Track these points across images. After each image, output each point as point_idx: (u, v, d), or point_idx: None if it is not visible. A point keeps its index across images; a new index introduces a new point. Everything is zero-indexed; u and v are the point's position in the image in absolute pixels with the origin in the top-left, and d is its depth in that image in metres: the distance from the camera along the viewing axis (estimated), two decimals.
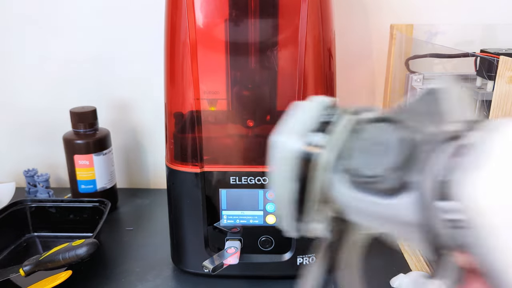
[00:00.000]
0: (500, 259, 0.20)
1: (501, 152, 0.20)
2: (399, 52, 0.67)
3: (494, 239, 0.19)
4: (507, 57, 0.33)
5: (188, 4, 0.46)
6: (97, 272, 0.57)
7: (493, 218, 0.19)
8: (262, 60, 0.48)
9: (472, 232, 0.20)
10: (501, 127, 0.21)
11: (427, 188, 0.22)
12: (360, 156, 0.25)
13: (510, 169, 0.20)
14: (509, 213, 0.19)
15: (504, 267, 0.20)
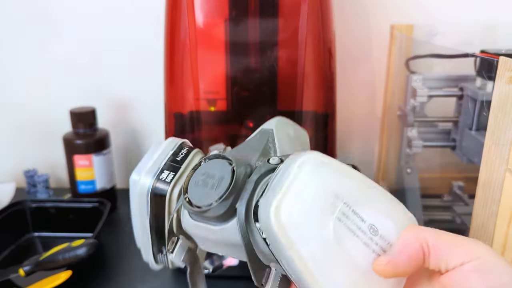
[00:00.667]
0: (298, 269, 0.23)
1: (291, 179, 0.24)
2: (399, 52, 0.67)
3: (289, 252, 0.23)
4: (507, 57, 0.33)
5: (188, 4, 0.46)
6: (97, 272, 0.57)
7: (285, 233, 0.23)
8: (262, 60, 0.48)
9: (273, 247, 0.24)
10: (296, 158, 0.25)
11: (242, 213, 0.26)
12: (197, 188, 0.29)
13: (297, 194, 0.24)
14: (298, 229, 0.23)
15: (302, 276, 0.23)
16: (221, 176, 0.28)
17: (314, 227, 0.24)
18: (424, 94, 0.57)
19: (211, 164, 0.29)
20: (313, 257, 0.23)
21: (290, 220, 0.23)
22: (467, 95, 0.53)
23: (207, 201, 0.28)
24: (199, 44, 0.47)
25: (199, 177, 0.29)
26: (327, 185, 0.25)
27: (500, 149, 0.35)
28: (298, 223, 0.23)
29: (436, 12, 0.72)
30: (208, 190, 0.28)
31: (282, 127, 0.33)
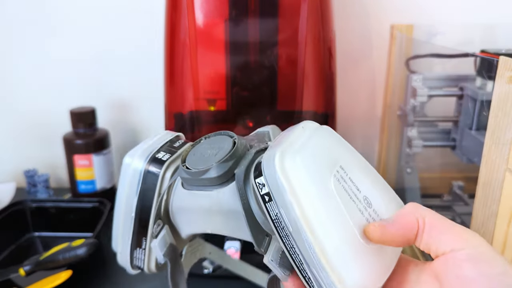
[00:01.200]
0: (297, 216, 0.23)
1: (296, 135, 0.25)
2: (399, 52, 0.67)
3: (289, 197, 0.23)
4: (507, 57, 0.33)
5: (188, 4, 0.46)
6: (97, 272, 0.57)
7: (288, 178, 0.23)
8: (262, 60, 0.48)
9: (274, 194, 0.23)
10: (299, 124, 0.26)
11: (241, 175, 0.26)
12: (195, 156, 0.29)
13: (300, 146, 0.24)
14: (301, 176, 0.23)
15: (299, 224, 0.23)
16: (222, 146, 0.29)
17: (316, 177, 0.24)
18: (424, 94, 0.57)
19: (212, 139, 0.30)
20: (312, 205, 0.23)
21: (293, 167, 0.23)
22: (467, 95, 0.53)
23: (206, 164, 0.28)
24: (199, 44, 0.47)
25: (198, 149, 0.30)
26: (328, 147, 0.25)
27: (500, 149, 0.35)
28: (301, 170, 0.23)
29: (436, 12, 0.72)
30: (207, 157, 0.29)
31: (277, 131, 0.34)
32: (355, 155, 0.27)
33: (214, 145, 0.29)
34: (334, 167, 0.25)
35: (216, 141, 0.30)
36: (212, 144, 0.30)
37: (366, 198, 0.25)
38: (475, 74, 0.53)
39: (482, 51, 0.51)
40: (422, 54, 0.63)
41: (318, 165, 0.24)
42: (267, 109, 0.51)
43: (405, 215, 0.24)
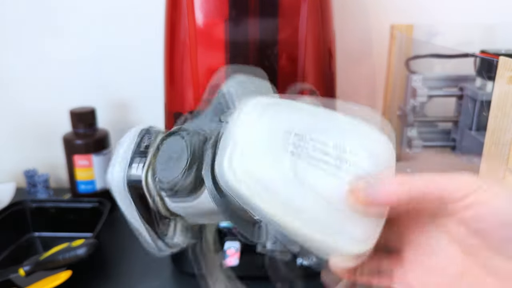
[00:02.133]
0: (267, 214, 0.23)
1: (235, 132, 0.24)
2: (399, 52, 0.67)
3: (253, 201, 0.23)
4: (507, 57, 0.33)
5: (188, 4, 0.46)
6: (97, 272, 0.57)
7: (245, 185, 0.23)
8: (262, 60, 0.48)
9: (240, 201, 0.24)
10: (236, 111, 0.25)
11: (208, 179, 0.26)
12: (161, 167, 0.29)
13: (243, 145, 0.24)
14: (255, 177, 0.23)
15: (273, 219, 0.23)
16: (179, 150, 0.28)
17: (269, 171, 0.23)
18: (424, 94, 0.57)
19: (168, 142, 0.30)
20: (276, 199, 0.23)
21: (244, 171, 0.23)
22: (467, 95, 0.53)
23: (172, 175, 0.28)
24: (199, 44, 0.47)
25: (162, 156, 0.30)
26: (273, 125, 0.24)
27: (500, 149, 0.35)
28: (252, 171, 0.23)
29: (436, 12, 0.72)
30: (172, 166, 0.29)
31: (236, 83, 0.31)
32: (308, 112, 0.26)
33: (173, 150, 0.29)
34: (286, 143, 0.24)
35: (173, 145, 0.29)
36: (170, 148, 0.30)
37: (338, 156, 0.24)
38: (475, 74, 0.53)
39: (482, 51, 0.51)
40: (422, 54, 0.63)
41: (268, 153, 0.24)
42: None
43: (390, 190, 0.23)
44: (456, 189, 0.22)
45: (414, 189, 0.23)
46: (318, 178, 0.24)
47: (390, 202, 0.23)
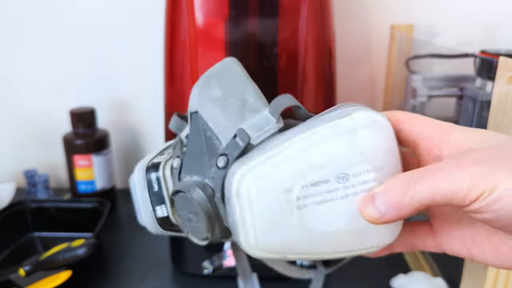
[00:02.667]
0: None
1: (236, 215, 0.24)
2: (399, 52, 0.67)
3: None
4: (507, 57, 0.33)
5: (188, 4, 0.46)
6: (97, 272, 0.57)
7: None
8: (262, 60, 0.48)
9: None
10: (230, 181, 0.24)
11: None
12: (187, 224, 0.31)
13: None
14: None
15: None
16: (194, 211, 0.29)
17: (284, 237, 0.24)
18: (424, 94, 0.57)
19: (180, 201, 0.30)
20: (304, 252, 0.24)
21: (264, 248, 0.24)
22: (467, 95, 0.53)
23: (201, 235, 0.30)
24: (199, 44, 0.47)
25: (181, 212, 0.31)
26: (271, 192, 0.23)
27: None
28: (271, 246, 0.24)
29: (436, 12, 0.72)
30: (195, 225, 0.30)
31: (205, 96, 0.29)
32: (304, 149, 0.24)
33: (188, 209, 0.30)
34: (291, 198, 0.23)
35: (184, 204, 0.30)
36: (184, 206, 0.30)
37: (339, 177, 0.23)
38: (475, 74, 0.52)
39: (482, 51, 0.51)
40: (422, 54, 0.63)
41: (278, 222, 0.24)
42: None
43: (401, 206, 0.22)
44: (462, 198, 0.21)
45: (416, 200, 0.22)
46: (331, 212, 0.24)
47: (398, 218, 0.23)
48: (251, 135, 0.26)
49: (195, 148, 0.29)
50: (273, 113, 0.26)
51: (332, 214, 0.24)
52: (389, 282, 0.52)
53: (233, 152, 0.26)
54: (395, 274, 0.52)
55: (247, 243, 0.24)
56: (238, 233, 0.24)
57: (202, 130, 0.28)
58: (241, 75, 0.30)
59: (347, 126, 0.23)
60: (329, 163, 0.23)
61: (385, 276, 0.53)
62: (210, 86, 0.29)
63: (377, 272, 0.56)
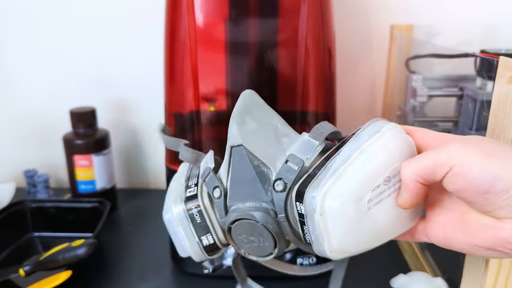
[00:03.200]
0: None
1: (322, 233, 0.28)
2: (399, 52, 0.67)
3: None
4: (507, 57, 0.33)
5: (188, 4, 0.46)
6: (97, 272, 0.57)
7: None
8: (262, 60, 0.48)
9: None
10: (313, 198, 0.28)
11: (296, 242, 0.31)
12: (246, 246, 0.33)
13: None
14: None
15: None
16: (259, 234, 0.31)
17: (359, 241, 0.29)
18: (424, 94, 0.57)
19: (240, 227, 0.32)
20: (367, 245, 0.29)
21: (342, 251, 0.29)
22: (467, 95, 0.53)
23: (265, 253, 0.32)
24: (199, 44, 0.47)
25: (239, 237, 0.33)
26: (343, 207, 0.27)
27: None
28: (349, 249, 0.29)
29: (436, 12, 0.72)
30: (257, 245, 0.32)
31: (245, 131, 0.33)
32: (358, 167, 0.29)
33: (250, 233, 0.32)
34: (362, 204, 0.28)
35: (247, 229, 0.32)
36: (245, 232, 0.32)
37: (385, 179, 0.28)
38: (475, 74, 0.52)
39: (482, 51, 0.51)
40: (422, 54, 0.63)
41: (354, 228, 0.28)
42: None
43: (407, 184, 0.28)
44: (440, 169, 0.26)
45: (410, 176, 0.28)
46: (384, 209, 0.29)
47: (411, 198, 0.28)
48: (302, 158, 0.30)
49: (243, 177, 0.32)
50: (315, 136, 0.31)
51: (385, 211, 0.28)
52: (389, 282, 0.52)
53: (289, 176, 0.29)
54: (395, 274, 0.52)
55: (330, 250, 0.28)
56: (322, 243, 0.28)
57: (249, 161, 0.31)
58: (264, 105, 0.35)
59: (380, 141, 0.29)
60: (378, 172, 0.28)
61: (385, 276, 0.53)
62: (245, 121, 0.33)
63: (377, 272, 0.56)
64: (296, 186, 0.29)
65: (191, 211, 0.34)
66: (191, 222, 0.34)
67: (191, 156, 0.37)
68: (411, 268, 0.57)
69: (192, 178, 0.36)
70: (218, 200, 0.32)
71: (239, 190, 0.32)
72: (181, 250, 0.36)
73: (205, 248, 0.34)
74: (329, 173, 0.28)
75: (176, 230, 0.35)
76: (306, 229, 0.29)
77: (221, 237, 0.34)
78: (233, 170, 0.32)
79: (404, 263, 0.58)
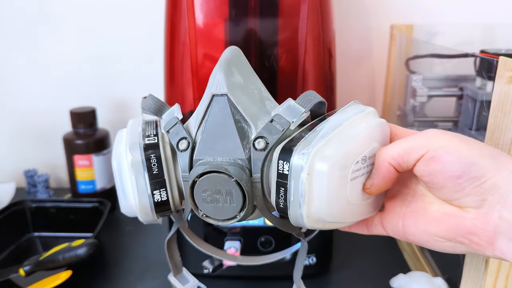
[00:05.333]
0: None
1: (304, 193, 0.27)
2: (399, 52, 0.67)
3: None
4: (507, 57, 0.33)
5: (188, 4, 0.46)
6: (97, 272, 0.57)
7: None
8: (262, 60, 0.48)
9: None
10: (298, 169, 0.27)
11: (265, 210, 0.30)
12: (208, 205, 0.30)
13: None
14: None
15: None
16: (228, 192, 0.29)
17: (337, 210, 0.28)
18: (424, 94, 0.57)
19: (207, 182, 0.29)
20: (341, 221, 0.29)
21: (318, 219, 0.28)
22: (467, 95, 0.53)
23: (228, 215, 0.30)
24: (199, 44, 0.47)
25: (202, 194, 0.30)
26: (330, 171, 0.27)
27: (500, 149, 0.35)
28: (325, 218, 0.28)
29: (436, 12, 0.72)
30: (222, 206, 0.29)
31: (232, 82, 0.30)
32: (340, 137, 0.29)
33: (218, 189, 0.29)
34: (347, 172, 0.28)
35: (217, 182, 0.29)
36: (212, 186, 0.29)
37: (363, 159, 0.28)
38: (475, 74, 0.52)
39: (482, 51, 0.51)
40: (422, 54, 0.63)
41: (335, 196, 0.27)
42: None
43: (380, 167, 0.28)
44: (416, 151, 0.27)
45: (384, 159, 0.28)
46: (356, 187, 0.28)
47: (382, 182, 0.29)
48: (289, 120, 0.29)
49: (219, 130, 0.30)
50: (302, 103, 0.29)
51: (357, 190, 0.28)
52: (389, 282, 0.52)
53: (273, 136, 0.28)
54: (395, 274, 0.52)
55: (307, 214, 0.27)
56: (301, 205, 0.27)
57: (230, 113, 0.29)
58: (249, 66, 0.33)
59: (366, 119, 0.29)
60: (361, 148, 0.28)
61: (385, 276, 0.53)
62: (232, 72, 0.31)
63: (377, 272, 0.56)
64: (280, 146, 0.28)
65: (150, 160, 0.30)
66: (147, 172, 0.30)
67: (155, 105, 0.33)
68: (411, 268, 0.57)
69: (149, 129, 0.32)
70: (183, 153, 0.30)
71: (211, 143, 0.30)
72: (125, 206, 0.31)
73: (155, 205, 0.30)
74: (318, 135, 0.27)
75: (126, 180, 0.30)
76: (284, 192, 0.27)
77: (175, 195, 0.31)
78: (210, 121, 0.30)
79: (404, 263, 0.58)
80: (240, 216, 0.30)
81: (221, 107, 0.30)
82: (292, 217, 0.28)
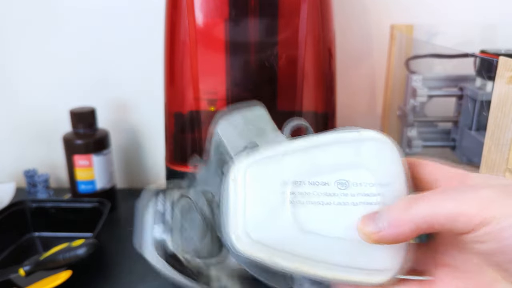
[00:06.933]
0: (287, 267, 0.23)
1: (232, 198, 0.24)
2: (399, 52, 0.67)
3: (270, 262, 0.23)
4: (506, 57, 0.33)
5: (188, 4, 0.46)
6: (97, 272, 0.57)
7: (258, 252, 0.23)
8: (262, 60, 0.48)
9: None
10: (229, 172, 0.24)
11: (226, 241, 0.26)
12: (180, 235, 0.30)
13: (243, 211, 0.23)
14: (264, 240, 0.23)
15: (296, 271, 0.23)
16: (190, 215, 0.28)
17: (275, 231, 0.23)
18: (424, 94, 0.57)
19: (179, 207, 0.29)
20: (291, 254, 0.23)
21: (253, 240, 0.23)
22: (467, 95, 0.53)
23: (191, 246, 0.29)
24: (199, 44, 0.47)
25: (176, 222, 0.30)
26: (267, 181, 0.24)
27: (500, 149, 0.35)
28: (260, 237, 0.23)
29: (436, 12, 0.72)
30: (188, 234, 0.29)
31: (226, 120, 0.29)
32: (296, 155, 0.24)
33: (185, 215, 0.29)
34: (284, 194, 0.23)
35: (182, 209, 0.29)
36: (182, 213, 0.29)
37: (339, 182, 0.23)
38: (475, 74, 0.53)
39: (482, 51, 0.51)
40: (422, 54, 0.63)
41: (270, 212, 0.23)
42: (267, 110, 0.51)
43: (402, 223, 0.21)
44: (467, 221, 0.20)
45: (418, 218, 0.20)
46: (328, 216, 0.23)
47: (396, 236, 0.21)
48: (261, 146, 0.26)
49: (208, 164, 0.29)
50: (284, 132, 0.27)
51: (329, 219, 0.23)
52: None
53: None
54: None
55: (237, 234, 0.23)
56: (228, 223, 0.23)
57: (216, 147, 0.29)
58: (268, 118, 0.30)
59: (354, 137, 0.24)
60: (331, 166, 0.23)
61: None
62: (232, 115, 0.29)
63: None
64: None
65: None
66: None
67: None
68: None
69: None
70: None
71: (202, 176, 0.30)
72: None
73: None
74: (267, 147, 0.24)
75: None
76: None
77: None
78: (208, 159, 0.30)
79: None
80: (199, 246, 0.29)
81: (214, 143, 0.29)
82: (228, 241, 0.24)
